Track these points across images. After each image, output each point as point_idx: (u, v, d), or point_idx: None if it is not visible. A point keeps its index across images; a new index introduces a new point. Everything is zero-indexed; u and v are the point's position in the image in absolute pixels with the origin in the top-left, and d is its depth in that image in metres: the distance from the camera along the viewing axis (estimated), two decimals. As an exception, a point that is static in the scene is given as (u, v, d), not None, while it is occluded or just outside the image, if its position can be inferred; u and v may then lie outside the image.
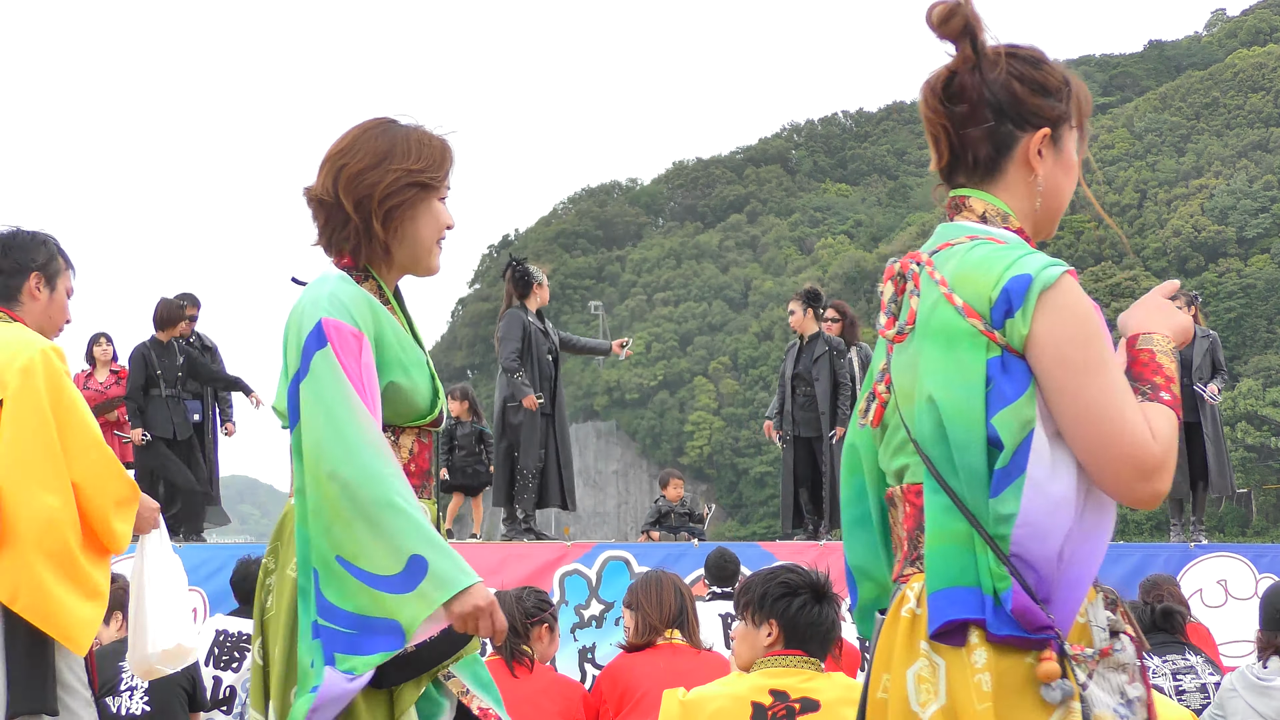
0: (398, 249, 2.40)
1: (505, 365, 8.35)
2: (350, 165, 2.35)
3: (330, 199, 2.37)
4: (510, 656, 4.11)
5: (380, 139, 2.38)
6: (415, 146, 2.39)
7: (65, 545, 3.07)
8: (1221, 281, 72.41)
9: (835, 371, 8.88)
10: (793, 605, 3.06)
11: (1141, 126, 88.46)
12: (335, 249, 2.42)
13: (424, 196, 2.39)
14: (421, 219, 2.40)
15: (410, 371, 2.37)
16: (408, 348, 2.38)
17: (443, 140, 2.45)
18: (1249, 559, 8.25)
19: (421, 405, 2.40)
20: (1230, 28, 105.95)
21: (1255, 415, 61.40)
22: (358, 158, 2.36)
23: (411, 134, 2.41)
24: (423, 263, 2.45)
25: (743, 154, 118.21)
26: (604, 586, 7.80)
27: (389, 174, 2.34)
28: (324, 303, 2.27)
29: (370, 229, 2.35)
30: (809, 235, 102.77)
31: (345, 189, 2.35)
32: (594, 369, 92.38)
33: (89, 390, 9.21)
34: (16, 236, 3.31)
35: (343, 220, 2.37)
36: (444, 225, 2.45)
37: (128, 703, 4.33)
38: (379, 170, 2.34)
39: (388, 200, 2.35)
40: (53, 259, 3.37)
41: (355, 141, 2.39)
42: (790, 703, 2.94)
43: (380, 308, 2.35)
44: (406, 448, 2.42)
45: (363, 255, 2.39)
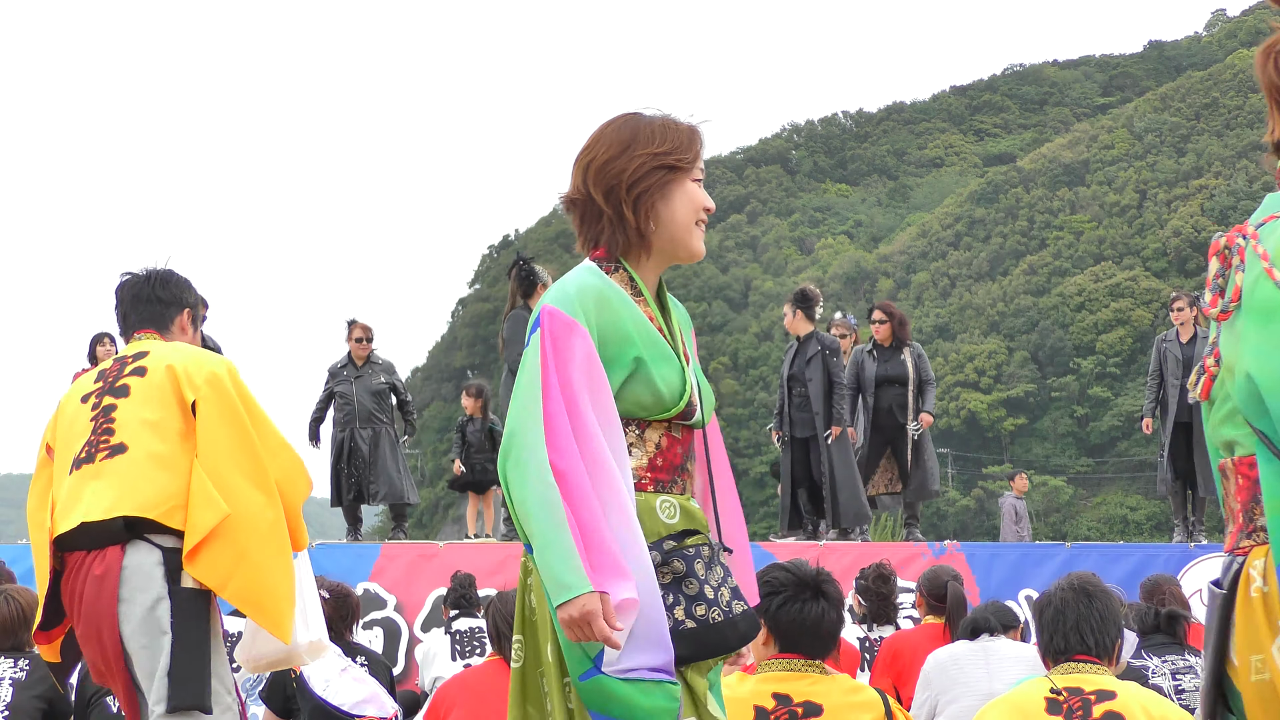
0: (653, 235, 2.41)
1: (512, 367, 8.29)
2: (597, 158, 2.39)
3: (582, 195, 2.41)
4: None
5: (624, 129, 2.42)
6: (660, 131, 2.41)
7: (274, 538, 3.27)
8: (1221, 282, 72.29)
9: (830, 371, 8.81)
10: (773, 604, 3.02)
11: (1141, 127, 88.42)
12: (591, 242, 2.44)
13: (674, 179, 2.40)
14: (675, 201, 2.40)
15: (654, 364, 2.35)
16: (652, 340, 2.36)
17: (690, 125, 2.46)
18: (1249, 559, 8.24)
19: (666, 399, 2.36)
20: (1230, 28, 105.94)
21: (1255, 415, 61.36)
22: (603, 149, 2.40)
23: (656, 120, 2.44)
24: (683, 246, 2.44)
25: (743, 154, 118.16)
26: (604, 586, 7.79)
27: (634, 160, 2.37)
28: (554, 291, 2.33)
29: (622, 217, 2.38)
30: (809, 235, 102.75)
31: (594, 181, 2.39)
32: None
33: None
34: (174, 275, 3.66)
35: (596, 213, 2.40)
36: (700, 207, 2.43)
37: (128, 703, 4.34)
38: (624, 158, 2.37)
39: (636, 185, 2.36)
40: (199, 303, 3.75)
41: (600, 136, 2.43)
42: (793, 707, 2.92)
43: (616, 299, 2.34)
44: (653, 441, 2.39)
45: (618, 245, 2.41)
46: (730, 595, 2.36)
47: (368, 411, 9.29)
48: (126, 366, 3.40)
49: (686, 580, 2.30)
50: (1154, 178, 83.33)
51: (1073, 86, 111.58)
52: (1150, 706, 2.85)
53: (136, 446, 3.25)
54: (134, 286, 3.60)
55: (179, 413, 3.30)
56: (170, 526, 3.20)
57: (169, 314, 3.59)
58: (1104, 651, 2.96)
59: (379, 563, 7.78)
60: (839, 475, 8.73)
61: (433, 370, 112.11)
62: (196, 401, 3.29)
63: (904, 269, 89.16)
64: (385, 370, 9.55)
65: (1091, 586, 3.02)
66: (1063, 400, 70.06)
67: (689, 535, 2.35)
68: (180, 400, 3.31)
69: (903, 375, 9.12)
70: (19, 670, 4.39)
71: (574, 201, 2.43)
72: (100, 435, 3.30)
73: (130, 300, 3.59)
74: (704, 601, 2.29)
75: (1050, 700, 2.87)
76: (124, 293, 3.62)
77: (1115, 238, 79.20)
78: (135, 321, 3.57)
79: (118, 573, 3.17)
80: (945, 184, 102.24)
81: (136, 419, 3.28)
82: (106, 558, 3.19)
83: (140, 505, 3.19)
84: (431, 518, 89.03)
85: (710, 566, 2.35)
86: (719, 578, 2.36)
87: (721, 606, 2.31)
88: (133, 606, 3.16)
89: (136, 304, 3.58)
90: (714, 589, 2.33)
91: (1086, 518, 65.36)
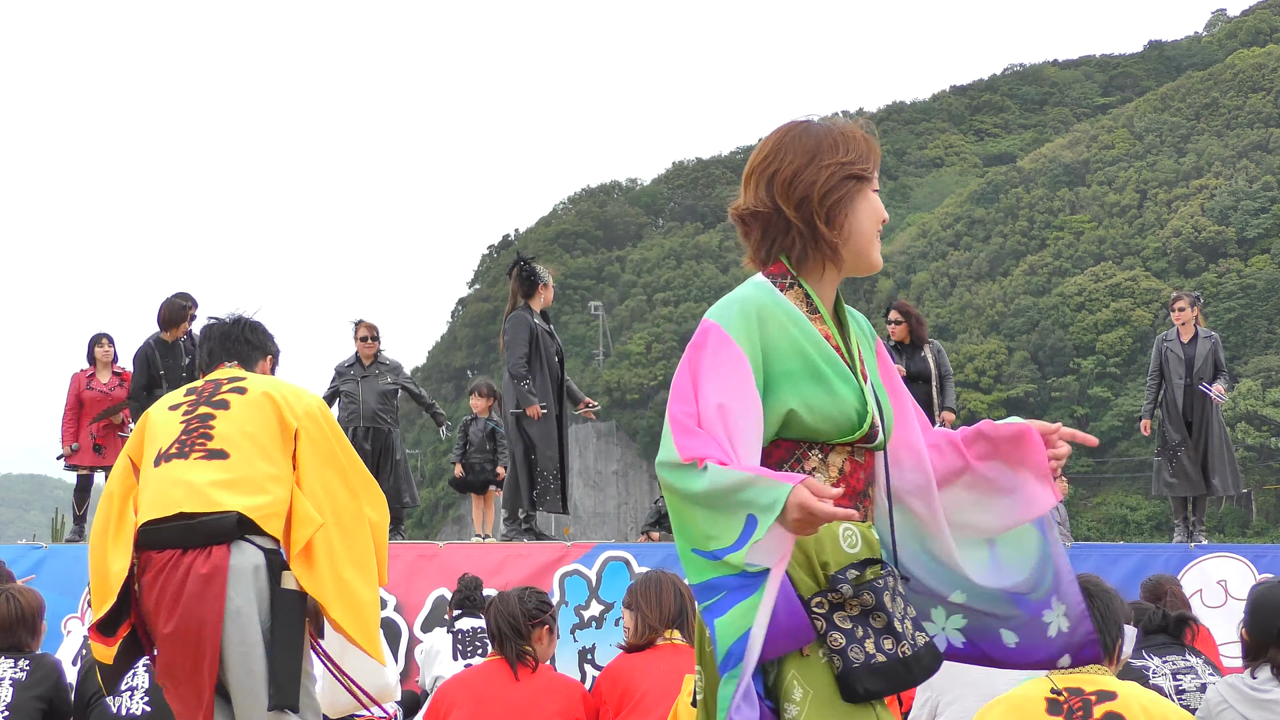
0: (843, 246, 2.33)
1: (513, 372, 8.26)
2: (782, 169, 2.31)
3: (767, 208, 2.33)
4: (515, 658, 4.11)
5: (805, 138, 2.34)
6: (841, 140, 2.34)
7: (368, 563, 3.44)
8: (1221, 282, 72.33)
9: None
10: None
11: (1142, 127, 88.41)
12: (769, 257, 2.36)
13: (860, 189, 2.34)
14: (861, 212, 2.34)
15: (828, 384, 2.25)
16: (829, 360, 2.26)
17: (864, 132, 2.40)
18: (1249, 559, 8.26)
19: (844, 420, 2.26)
20: (1230, 28, 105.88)
21: (1255, 415, 61.37)
22: (788, 160, 2.32)
23: (834, 128, 2.37)
24: (865, 257, 2.37)
25: (743, 154, 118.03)
26: (604, 587, 7.79)
27: (823, 170, 2.30)
28: (719, 306, 2.27)
29: (815, 230, 2.31)
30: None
31: (782, 194, 2.31)
32: (594, 369, 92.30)
33: (92, 391, 9.20)
34: (262, 324, 3.90)
35: (784, 226, 2.32)
36: (881, 218, 2.37)
37: (128, 703, 4.34)
38: (813, 168, 2.30)
39: (828, 197, 2.30)
40: (279, 352, 3.97)
41: (779, 146, 2.35)
42: None
43: (786, 316, 2.26)
44: (836, 466, 2.30)
45: (807, 260, 2.34)
46: (913, 627, 2.29)
47: (372, 411, 9.22)
48: (223, 385, 3.54)
49: (875, 614, 2.23)
50: (1154, 178, 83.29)
51: (1073, 86, 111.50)
52: (1151, 706, 2.85)
53: (238, 454, 3.34)
54: (224, 328, 3.80)
55: (279, 433, 3.41)
56: (268, 532, 3.28)
57: (254, 356, 3.78)
58: (1104, 652, 2.96)
59: (379, 563, 7.77)
60: None
61: (433, 370, 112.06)
62: (299, 431, 3.43)
63: (904, 269, 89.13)
64: (392, 371, 9.47)
65: (1092, 587, 3.01)
66: (1063, 400, 70.04)
67: (869, 565, 2.26)
68: (282, 423, 3.43)
69: (925, 372, 9.13)
70: (19, 670, 4.39)
71: (756, 215, 2.34)
72: (195, 437, 3.38)
73: (220, 338, 3.78)
74: (892, 635, 2.22)
75: (1051, 700, 2.87)
76: (213, 331, 3.81)
77: (1115, 238, 79.17)
78: (221, 356, 3.75)
79: (226, 571, 3.20)
80: (945, 184, 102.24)
81: (238, 430, 3.38)
82: (213, 556, 3.21)
83: (247, 506, 3.25)
84: (431, 518, 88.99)
85: (894, 598, 2.27)
86: (902, 609, 2.29)
87: (909, 640, 2.25)
88: (239, 606, 3.19)
89: (226, 341, 3.77)
90: (900, 621, 2.25)
91: (1087, 518, 65.34)
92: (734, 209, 2.40)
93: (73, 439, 9.12)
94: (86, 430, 9.12)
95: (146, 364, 8.70)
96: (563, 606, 7.67)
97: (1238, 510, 62.17)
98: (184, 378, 8.75)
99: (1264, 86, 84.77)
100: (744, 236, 2.41)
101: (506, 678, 4.10)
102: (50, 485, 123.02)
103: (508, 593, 4.32)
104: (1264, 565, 8.14)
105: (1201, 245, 74.24)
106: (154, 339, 8.80)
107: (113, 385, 9.28)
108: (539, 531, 8.50)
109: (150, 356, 8.71)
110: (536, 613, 4.22)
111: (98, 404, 9.17)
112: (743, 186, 2.38)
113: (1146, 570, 7.36)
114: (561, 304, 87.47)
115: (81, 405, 9.18)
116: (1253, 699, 3.70)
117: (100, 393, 9.19)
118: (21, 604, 4.56)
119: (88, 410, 9.17)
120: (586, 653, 7.62)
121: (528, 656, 4.12)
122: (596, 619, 7.72)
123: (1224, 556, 8.29)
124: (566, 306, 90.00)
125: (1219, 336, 9.85)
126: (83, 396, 9.18)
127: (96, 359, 9.36)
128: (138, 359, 8.72)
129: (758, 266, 2.38)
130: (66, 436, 9.13)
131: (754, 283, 2.31)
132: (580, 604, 7.76)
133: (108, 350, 9.38)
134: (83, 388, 9.21)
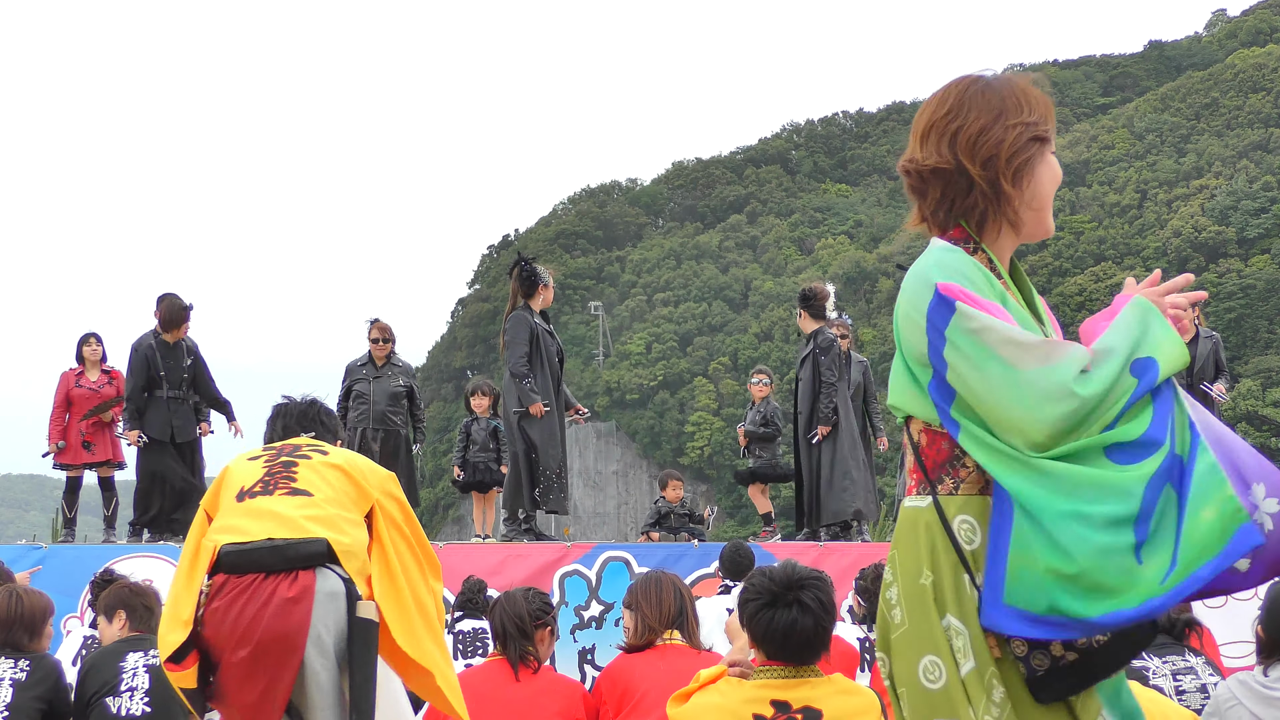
0: (1024, 209, 2.23)
1: (514, 371, 8.26)
2: (967, 126, 2.21)
3: (949, 165, 2.22)
4: (518, 658, 4.11)
5: (987, 94, 2.23)
6: (1024, 99, 2.24)
7: (439, 625, 3.64)
8: (1222, 282, 72.34)
9: (817, 370, 8.73)
10: (748, 609, 3.01)
11: (1142, 127, 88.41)
12: (952, 220, 2.26)
13: (1042, 151, 2.24)
14: (1043, 174, 2.24)
15: None
16: (1025, 322, 2.18)
17: (1042, 91, 2.28)
18: (1249, 559, 8.24)
19: None
20: (1230, 28, 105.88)
21: (1255, 415, 61.38)
22: (972, 117, 2.21)
23: (1015, 85, 2.26)
24: (1043, 222, 2.28)
25: (743, 154, 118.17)
26: (604, 587, 7.79)
27: (1010, 130, 2.20)
28: (934, 271, 2.14)
29: (999, 190, 2.20)
30: (809, 236, 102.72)
31: (966, 151, 2.20)
32: (594, 369, 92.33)
33: (81, 389, 9.22)
34: (333, 411, 4.12)
35: (966, 186, 2.22)
36: (1059, 180, 2.28)
37: (128, 703, 4.33)
38: (999, 127, 2.20)
39: (1015, 158, 2.20)
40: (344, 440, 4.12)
41: (960, 102, 2.24)
42: (792, 713, 2.90)
43: (981, 279, 2.15)
44: None
45: (986, 223, 2.24)
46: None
47: (381, 412, 9.18)
48: (303, 446, 3.70)
49: None
50: (1154, 178, 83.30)
51: (1073, 86, 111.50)
52: (1150, 707, 2.84)
53: (320, 496, 3.47)
54: (300, 408, 4.00)
55: (357, 496, 3.56)
56: (345, 567, 3.37)
57: (325, 438, 3.92)
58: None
59: (379, 563, 7.77)
60: (824, 475, 8.68)
61: (433, 370, 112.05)
62: (378, 501, 3.59)
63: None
64: (405, 373, 9.42)
65: None
66: (1063, 400, 70.02)
67: None
68: (360, 490, 3.58)
69: None
70: (19, 670, 4.39)
71: (936, 172, 2.23)
72: (279, 478, 3.51)
73: (297, 417, 3.97)
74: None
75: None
76: (290, 411, 3.99)
77: (1116, 238, 79.18)
78: (297, 430, 3.93)
79: (313, 594, 3.26)
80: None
81: (320, 479, 3.53)
82: (300, 580, 3.27)
83: (331, 538, 3.36)
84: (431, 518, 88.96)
85: None
86: None
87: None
88: (320, 631, 3.26)
89: (302, 420, 3.96)
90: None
91: (1087, 518, 65.33)
92: (907, 163, 2.29)
93: (60, 436, 9.13)
94: (75, 428, 9.14)
95: (146, 365, 8.67)
96: (563, 607, 7.66)
97: (1238, 510, 62.14)
98: (184, 379, 8.76)
99: (1264, 86, 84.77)
100: (914, 193, 2.31)
101: (507, 678, 4.10)
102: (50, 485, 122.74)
103: (513, 592, 4.33)
104: (1264, 565, 8.12)
105: (1202, 245, 74.24)
106: (154, 340, 8.75)
107: (101, 383, 9.29)
108: (539, 531, 8.49)
109: (150, 358, 8.68)
110: (540, 614, 4.24)
111: (87, 402, 9.19)
112: (915, 141, 2.28)
113: (1146, 570, 7.34)
114: (561, 304, 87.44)
115: (70, 403, 9.20)
116: (1264, 696, 3.66)
117: (89, 390, 9.21)
118: (25, 604, 4.55)
119: (76, 408, 9.19)
120: (586, 653, 7.62)
121: (530, 657, 4.12)
122: (596, 619, 7.71)
123: (1224, 556, 8.27)
124: (566, 307, 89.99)
125: (1219, 336, 9.83)
126: (71, 394, 9.20)
127: (85, 358, 9.37)
128: (135, 360, 8.68)
129: (933, 229, 2.29)
130: (54, 434, 9.15)
131: (943, 248, 2.21)
132: (580, 604, 7.75)
133: (96, 349, 9.40)
134: (72, 386, 9.23)
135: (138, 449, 8.72)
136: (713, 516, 9.74)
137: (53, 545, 8.14)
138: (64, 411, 9.19)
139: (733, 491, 79.73)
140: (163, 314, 8.77)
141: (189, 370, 8.74)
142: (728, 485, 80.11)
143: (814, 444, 8.70)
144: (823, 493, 8.66)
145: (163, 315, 8.76)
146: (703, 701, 3.01)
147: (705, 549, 7.93)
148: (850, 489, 8.65)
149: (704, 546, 8.02)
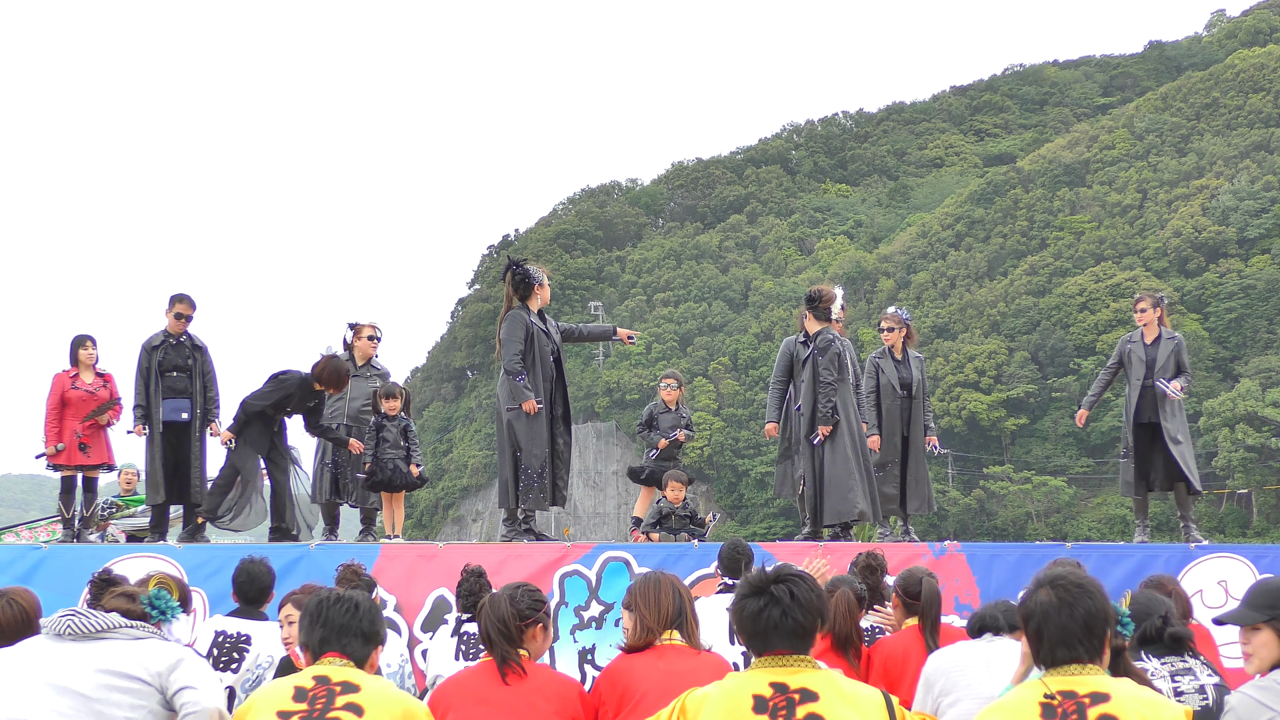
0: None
1: (508, 368, 8.33)
2: None
3: None
4: (502, 662, 4.07)
5: None
6: None
7: None
8: (1222, 282, 72.30)
9: (815, 371, 8.73)
10: (733, 604, 3.14)
11: (1142, 127, 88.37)
12: None
13: None
14: None
15: None
16: None
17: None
18: (1249, 559, 8.24)
19: None
20: (1230, 28, 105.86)
21: (1255, 416, 61.33)
22: None
23: None
24: None
25: (743, 154, 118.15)
26: (604, 587, 7.78)
27: None
28: None
29: None
30: (809, 235, 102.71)
31: None
32: (594, 369, 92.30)
33: (77, 390, 9.26)
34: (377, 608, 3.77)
35: None
36: None
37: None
38: None
39: None
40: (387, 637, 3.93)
41: None
42: (790, 693, 2.98)
43: None
44: None
45: None
46: None
47: (355, 412, 9.32)
48: (336, 695, 3.49)
49: None
50: (1155, 178, 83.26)
51: (1073, 86, 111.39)
52: (1144, 707, 2.84)
53: None
54: (343, 615, 3.65)
55: None
56: None
57: (368, 650, 3.67)
58: (1093, 653, 2.95)
59: (379, 563, 7.76)
60: (826, 475, 8.68)
61: (433, 370, 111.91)
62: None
63: (904, 269, 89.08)
64: (381, 376, 9.55)
65: (1073, 591, 2.97)
66: (1063, 401, 70.03)
67: None
68: None
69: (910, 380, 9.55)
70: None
71: None
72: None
73: (338, 628, 3.64)
74: None
75: (1045, 705, 2.87)
76: (329, 614, 3.66)
77: (1116, 238, 79.13)
78: (335, 647, 3.62)
79: None
80: (945, 184, 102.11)
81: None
82: None
83: None
84: (431, 518, 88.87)
85: None
86: None
87: None
88: None
89: (343, 634, 3.63)
90: None
91: (1087, 518, 65.31)
92: None
93: (56, 439, 9.16)
94: (72, 430, 9.16)
95: (149, 366, 8.85)
96: (563, 607, 7.66)
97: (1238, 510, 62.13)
98: (188, 380, 8.91)
99: (1264, 86, 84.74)
100: None
101: (494, 683, 4.06)
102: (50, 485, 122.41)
103: (498, 594, 4.27)
104: (1264, 565, 8.12)
105: (1202, 245, 74.20)
106: (161, 338, 9.01)
107: (96, 386, 9.33)
108: (539, 532, 8.49)
109: (156, 357, 8.87)
110: (529, 612, 4.17)
111: (83, 404, 9.22)
112: None
113: (1146, 570, 7.34)
114: (561, 304, 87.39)
115: (65, 405, 9.23)
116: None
117: (85, 392, 9.24)
118: (23, 606, 4.55)
119: (72, 410, 9.21)
120: (586, 653, 7.60)
121: (513, 662, 4.07)
122: (596, 619, 7.70)
123: (1224, 557, 8.27)
124: (566, 307, 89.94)
125: (1183, 338, 9.77)
126: (66, 396, 9.22)
127: (80, 360, 9.40)
128: (143, 364, 8.88)
129: None
130: (50, 436, 9.18)
131: None
132: (580, 604, 7.74)
133: (91, 352, 9.44)
134: (67, 388, 9.25)
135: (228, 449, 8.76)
136: (714, 522, 9.73)
137: (52, 545, 8.15)
138: (60, 413, 9.22)
139: (733, 491, 79.72)
140: (328, 375, 8.67)
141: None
142: (728, 485, 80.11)
143: (815, 445, 8.71)
144: (825, 493, 8.66)
145: (327, 376, 8.66)
146: (705, 691, 3.10)
147: (705, 549, 7.92)
148: (854, 490, 8.67)
149: (704, 546, 8.02)
